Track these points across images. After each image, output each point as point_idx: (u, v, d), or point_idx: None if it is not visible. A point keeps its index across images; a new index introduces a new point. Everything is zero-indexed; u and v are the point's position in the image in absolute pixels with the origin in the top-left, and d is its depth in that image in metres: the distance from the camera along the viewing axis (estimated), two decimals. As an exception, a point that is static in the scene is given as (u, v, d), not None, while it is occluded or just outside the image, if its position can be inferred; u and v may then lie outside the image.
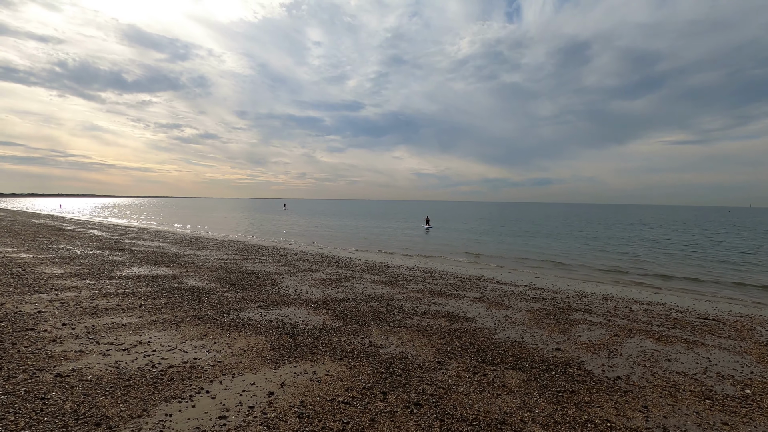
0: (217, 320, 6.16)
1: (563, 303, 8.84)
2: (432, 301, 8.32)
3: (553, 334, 6.34)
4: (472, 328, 6.42)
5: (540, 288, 10.76)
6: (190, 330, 5.61)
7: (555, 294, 9.93)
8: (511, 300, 8.89)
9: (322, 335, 5.69)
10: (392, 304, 7.83)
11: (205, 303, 7.22)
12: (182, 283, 9.02)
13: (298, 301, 7.74)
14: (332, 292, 8.77)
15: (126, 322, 5.82)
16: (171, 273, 10.22)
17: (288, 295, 8.31)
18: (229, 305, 7.15)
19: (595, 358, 5.32)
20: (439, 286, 10.25)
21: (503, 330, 6.43)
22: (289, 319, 6.44)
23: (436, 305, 7.99)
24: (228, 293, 8.16)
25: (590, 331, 6.65)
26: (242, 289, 8.60)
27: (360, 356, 4.92)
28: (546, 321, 7.13)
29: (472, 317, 7.17)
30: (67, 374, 3.93)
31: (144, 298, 7.38)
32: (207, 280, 9.45)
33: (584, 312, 8.07)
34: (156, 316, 6.22)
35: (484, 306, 8.11)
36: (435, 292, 9.29)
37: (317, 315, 6.79)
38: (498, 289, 10.14)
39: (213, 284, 9.03)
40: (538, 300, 9.04)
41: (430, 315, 7.18)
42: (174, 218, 45.72)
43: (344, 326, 6.19)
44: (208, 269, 11.14)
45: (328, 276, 10.97)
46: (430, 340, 5.73)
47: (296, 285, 9.44)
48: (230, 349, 4.91)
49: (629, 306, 8.96)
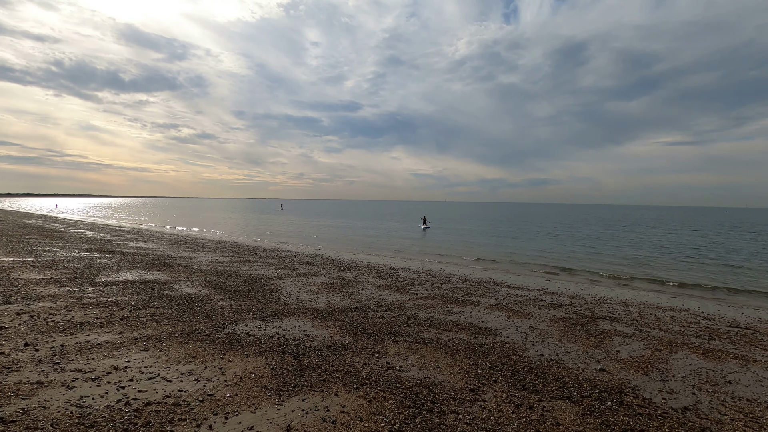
0: (210, 336, 5.26)
1: (584, 310, 8.05)
2: (446, 310, 7.47)
3: (589, 349, 5.53)
4: (499, 343, 5.58)
5: (554, 292, 9.97)
6: (177, 350, 4.70)
7: (572, 299, 9.14)
8: (529, 307, 8.07)
9: (332, 355, 4.81)
10: (405, 314, 6.97)
11: (196, 314, 6.30)
12: (173, 289, 8.08)
13: (301, 311, 6.85)
14: (337, 300, 7.89)
15: (102, 340, 4.89)
16: (162, 278, 9.26)
17: (289, 303, 7.42)
18: (224, 317, 6.24)
19: (647, 381, 4.51)
20: (449, 291, 9.41)
21: (533, 345, 5.60)
22: (292, 334, 5.55)
23: (451, 314, 7.15)
24: (223, 302, 7.24)
25: (627, 344, 5.85)
26: (239, 297, 7.68)
27: (379, 383, 4.05)
28: (575, 333, 6.32)
29: (494, 329, 6.33)
30: (11, 419, 3.01)
31: (128, 308, 6.44)
32: (200, 286, 8.51)
33: (610, 320, 7.28)
34: (139, 331, 5.30)
35: (503, 315, 7.28)
36: (447, 299, 8.45)
37: (323, 328, 5.91)
38: (512, 294, 9.33)
39: (207, 291, 8.10)
40: (556, 306, 8.24)
41: (448, 326, 6.33)
42: (170, 219, 44.42)
43: (355, 342, 5.32)
44: (202, 273, 10.20)
45: (331, 280, 10.08)
46: (456, 359, 4.88)
47: (298, 291, 8.55)
48: (224, 376, 4.02)
49: (653, 313, 8.20)
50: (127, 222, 36.36)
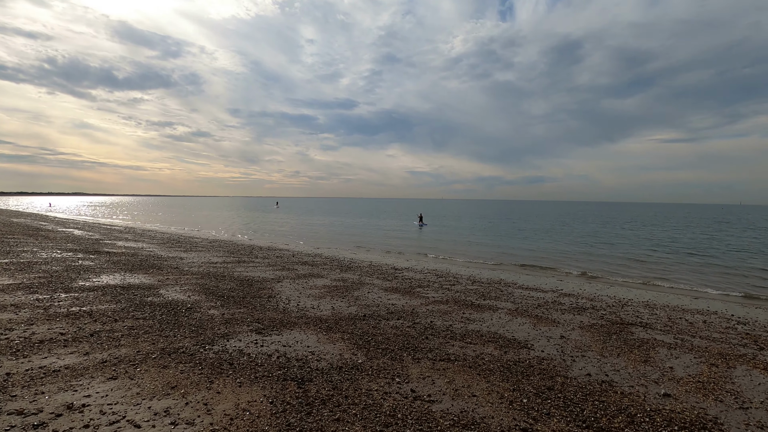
0: (196, 356, 4.30)
1: (610, 314, 7.23)
2: (464, 316, 6.58)
3: (638, 366, 4.68)
4: (535, 360, 4.71)
5: (570, 294, 9.14)
6: (154, 376, 3.74)
7: (591, 302, 8.32)
8: (551, 311, 7.23)
9: (344, 380, 3.89)
10: (420, 323, 6.07)
11: (182, 326, 5.33)
12: (158, 295, 7.08)
13: (302, 320, 5.91)
14: (342, 306, 6.96)
15: (63, 364, 3.92)
16: (147, 282, 8.24)
17: (289, 310, 6.47)
18: (215, 330, 5.27)
19: (724, 410, 3.66)
20: (461, 293, 8.54)
21: (574, 361, 4.73)
22: (294, 351, 4.62)
23: (471, 322, 6.26)
24: (214, 310, 6.27)
25: (676, 358, 5.02)
26: (232, 304, 6.71)
27: (407, 422, 3.14)
28: (613, 344, 5.47)
29: (523, 340, 5.46)
30: None
31: (102, 320, 5.44)
32: (190, 291, 7.52)
33: (644, 327, 6.46)
34: (110, 351, 4.32)
35: (527, 322, 6.42)
36: (462, 303, 7.57)
37: (330, 342, 4.98)
38: (527, 297, 8.48)
39: (197, 297, 7.12)
40: (579, 311, 7.41)
41: (471, 338, 5.44)
42: (164, 217, 42.97)
43: (370, 362, 4.40)
44: (193, 276, 9.19)
45: (334, 283, 9.14)
46: (492, 383, 3.99)
47: (298, 296, 7.60)
48: (209, 417, 3.08)
49: (681, 316, 7.41)
50: (120, 221, 34.96)
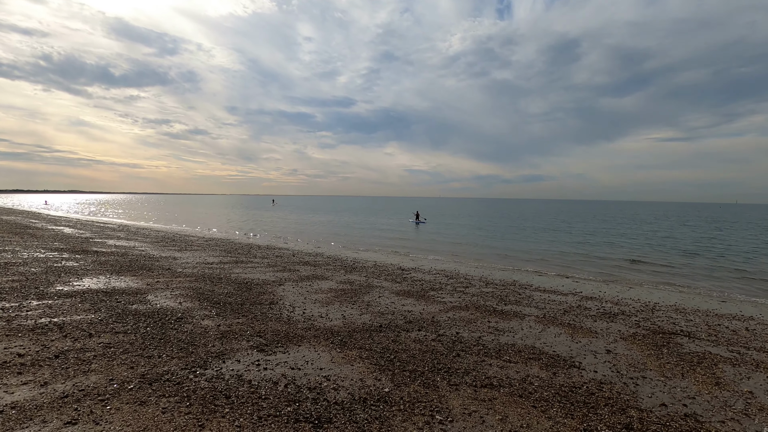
0: (184, 385, 3.38)
1: (645, 321, 6.43)
2: (492, 326, 5.73)
3: (713, 390, 3.85)
4: (594, 384, 3.86)
5: (592, 296, 8.34)
6: (127, 419, 2.82)
7: (618, 306, 7.52)
8: (582, 318, 6.41)
9: (371, 419, 3.00)
10: (445, 334, 5.20)
11: (169, 343, 4.40)
12: (145, 302, 6.12)
13: (311, 333, 5.00)
14: (354, 313, 6.06)
15: (9, 401, 2.98)
16: (134, 286, 7.27)
17: (295, 320, 5.56)
18: (208, 346, 4.35)
19: None
20: (478, 297, 7.69)
21: (637, 385, 3.90)
22: (305, 376, 3.72)
23: (501, 333, 5.41)
24: (209, 320, 5.34)
25: (748, 379, 4.21)
26: (230, 312, 5.78)
27: (468, 490, 2.26)
28: (669, 360, 4.65)
29: (567, 356, 4.61)
30: None
31: (74, 335, 4.49)
32: (182, 297, 6.57)
33: (688, 337, 5.67)
34: (76, 380, 3.39)
35: (562, 332, 5.58)
36: (483, 309, 6.72)
37: (347, 363, 4.09)
38: (549, 301, 7.66)
39: (189, 303, 6.17)
40: (610, 317, 6.60)
41: (507, 354, 4.58)
42: (160, 215, 41.60)
43: (398, 389, 3.52)
44: (186, 278, 8.22)
45: (340, 285, 8.23)
46: (554, 419, 3.13)
47: (303, 301, 6.69)
48: (198, 488, 2.17)
49: (720, 323, 6.64)
50: (115, 218, 33.63)
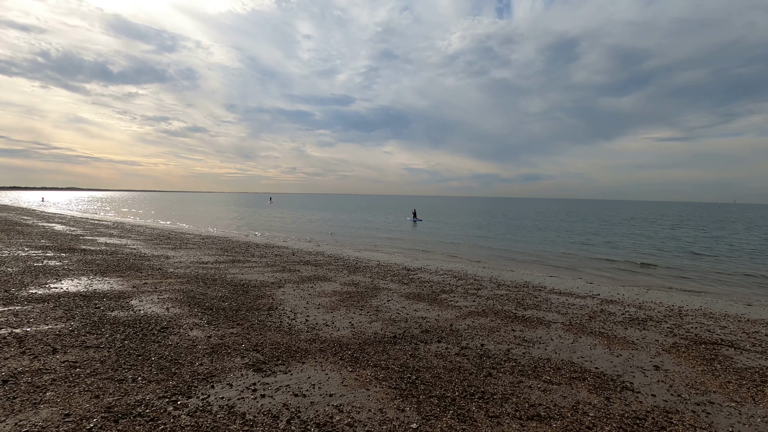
0: (160, 423, 2.63)
1: (679, 329, 5.76)
2: (518, 336, 5.02)
3: (797, 419, 3.17)
4: (659, 414, 3.15)
5: (613, 300, 7.66)
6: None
7: (642, 311, 6.85)
8: (611, 325, 5.73)
9: (401, 471, 2.27)
10: (469, 347, 4.48)
11: (148, 360, 3.64)
12: (127, 308, 5.34)
13: (316, 346, 4.26)
14: (363, 320, 5.32)
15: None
16: (118, 288, 6.48)
17: (297, 329, 4.81)
18: (195, 365, 3.60)
19: None
20: (494, 300, 6.98)
21: (708, 414, 3.20)
22: (312, 406, 2.98)
23: (530, 344, 4.70)
24: (198, 330, 4.57)
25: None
26: (223, 320, 5.02)
27: None
28: (727, 378, 3.96)
29: (613, 374, 3.91)
30: None
31: (34, 351, 3.71)
32: (170, 302, 5.79)
33: (733, 348, 5.00)
34: (18, 416, 2.62)
35: (597, 343, 4.89)
36: (503, 315, 6.01)
37: (362, 387, 3.35)
38: (569, 305, 6.97)
39: (177, 309, 5.40)
40: (639, 324, 5.93)
41: (545, 371, 3.88)
42: (157, 212, 40.53)
43: (427, 425, 2.79)
44: (177, 280, 7.44)
45: (344, 288, 7.49)
46: (631, 468, 2.42)
47: (305, 306, 5.94)
48: None
49: (758, 330, 5.98)
50: (111, 216, 32.58)
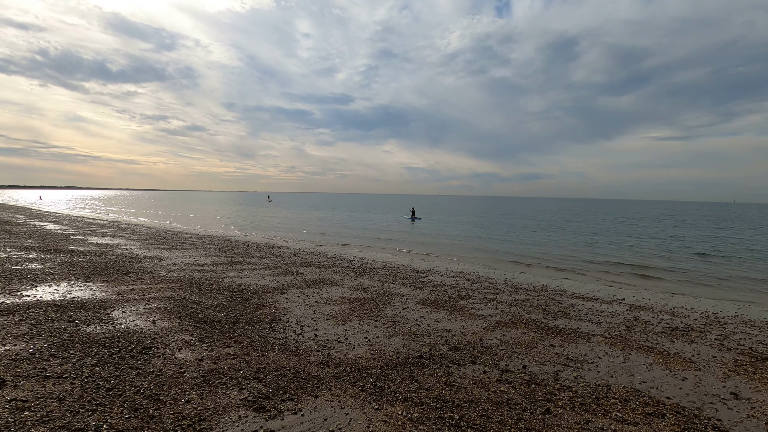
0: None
1: (729, 341, 5.06)
2: (559, 352, 4.27)
3: None
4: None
5: (640, 306, 6.94)
6: None
7: (678, 318, 6.15)
8: (654, 337, 5.01)
9: None
10: (510, 369, 3.72)
11: (121, 397, 2.84)
12: (107, 321, 4.53)
13: (330, 371, 3.48)
14: (380, 335, 4.55)
15: None
16: (101, 295, 5.65)
17: (305, 348, 4.02)
18: (179, 404, 2.80)
19: None
20: (517, 307, 6.24)
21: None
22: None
23: (579, 365, 3.95)
24: (187, 351, 3.77)
25: None
26: (218, 336, 4.23)
27: None
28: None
29: (691, 406, 3.18)
30: None
31: (-19, 383, 2.91)
32: (158, 313, 4.98)
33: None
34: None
35: (653, 362, 4.15)
36: (533, 326, 5.26)
37: (394, 432, 2.58)
38: (598, 312, 6.25)
39: (165, 323, 4.59)
40: (682, 335, 5.22)
41: (610, 405, 3.13)
42: (155, 210, 39.43)
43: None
44: (169, 285, 6.62)
45: (353, 293, 6.72)
46: None
47: (313, 317, 5.16)
48: None
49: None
50: (108, 214, 31.51)
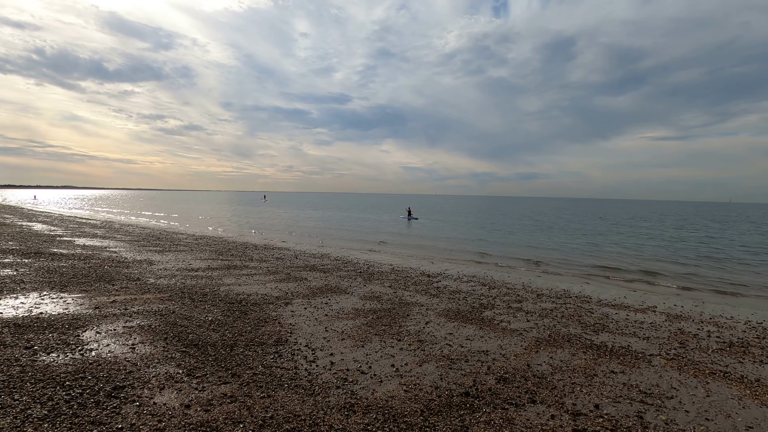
0: None
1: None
2: (625, 382, 3.48)
3: None
4: None
5: (679, 315, 6.20)
6: None
7: (728, 331, 5.41)
8: (718, 357, 4.25)
9: None
10: (581, 412, 2.90)
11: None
12: (72, 348, 3.62)
13: (359, 422, 2.63)
14: (409, 361, 3.71)
15: None
16: (73, 311, 4.73)
17: (322, 383, 3.17)
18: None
19: None
20: (551, 319, 5.44)
21: None
22: None
23: (661, 404, 3.15)
24: (171, 392, 2.90)
25: None
26: (211, 367, 3.35)
27: None
28: None
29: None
30: None
31: None
32: (139, 333, 4.08)
33: None
34: None
35: (741, 395, 3.37)
36: (578, 344, 4.46)
37: None
38: (639, 325, 5.48)
39: (146, 347, 3.70)
40: (743, 352, 4.48)
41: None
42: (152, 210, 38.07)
43: None
44: (157, 296, 5.71)
45: (366, 303, 5.87)
46: None
47: (325, 336, 4.30)
48: None
49: None
50: (102, 214, 30.22)
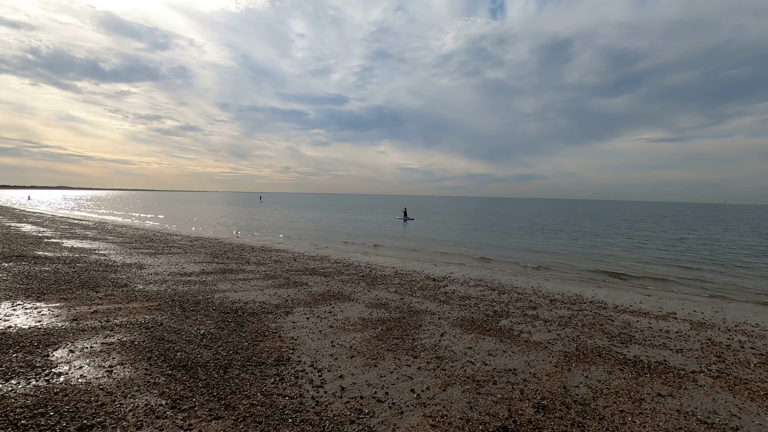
0: None
1: None
2: (677, 407, 3.01)
3: None
4: None
5: (700, 322, 5.77)
6: None
7: (756, 339, 4.99)
8: (760, 372, 3.80)
9: None
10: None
11: None
12: (41, 369, 3.07)
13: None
14: (430, 384, 3.20)
15: None
16: (47, 324, 4.15)
17: (333, 416, 2.65)
18: None
19: None
20: (572, 329, 4.98)
21: None
22: None
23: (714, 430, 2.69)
24: (149, 430, 2.37)
25: None
26: (201, 395, 2.82)
27: None
28: None
29: None
30: None
31: None
32: (120, 352, 3.53)
33: None
34: None
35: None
36: (611, 359, 3.99)
37: None
38: (663, 333, 5.04)
39: (127, 370, 3.15)
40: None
41: None
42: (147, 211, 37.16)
43: None
44: (145, 305, 5.14)
45: (373, 312, 5.35)
46: None
47: (332, 353, 3.78)
48: None
49: None
50: (96, 215, 29.32)
